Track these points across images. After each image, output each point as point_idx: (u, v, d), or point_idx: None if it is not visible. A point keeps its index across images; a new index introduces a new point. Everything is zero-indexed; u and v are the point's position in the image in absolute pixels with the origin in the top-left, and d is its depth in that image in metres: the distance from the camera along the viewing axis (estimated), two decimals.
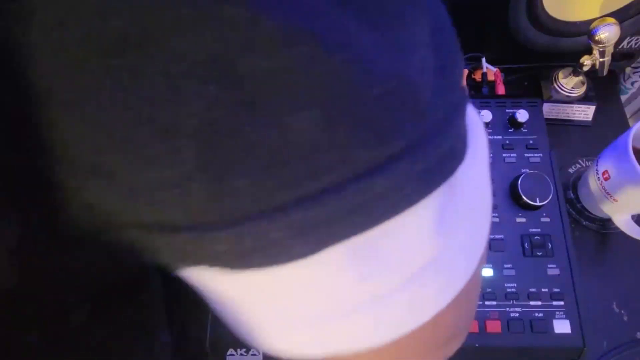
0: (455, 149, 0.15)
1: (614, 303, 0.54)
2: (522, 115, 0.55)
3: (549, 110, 0.62)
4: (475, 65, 0.65)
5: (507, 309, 0.48)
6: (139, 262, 0.15)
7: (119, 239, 0.14)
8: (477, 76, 0.64)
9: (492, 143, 0.55)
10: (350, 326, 0.16)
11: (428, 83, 0.13)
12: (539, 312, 0.48)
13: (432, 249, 0.15)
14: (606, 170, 0.52)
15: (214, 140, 0.12)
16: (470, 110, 0.17)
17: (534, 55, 0.62)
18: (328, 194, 0.12)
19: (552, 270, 0.50)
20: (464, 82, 0.62)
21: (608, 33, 0.50)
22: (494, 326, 0.47)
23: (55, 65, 0.11)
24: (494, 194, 0.53)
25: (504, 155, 0.55)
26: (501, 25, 0.58)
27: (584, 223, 0.58)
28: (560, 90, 0.62)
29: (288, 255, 0.13)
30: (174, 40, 0.11)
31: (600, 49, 0.52)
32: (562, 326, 0.47)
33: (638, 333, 0.53)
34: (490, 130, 0.56)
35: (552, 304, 0.48)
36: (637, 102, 0.70)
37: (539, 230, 0.51)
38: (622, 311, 0.54)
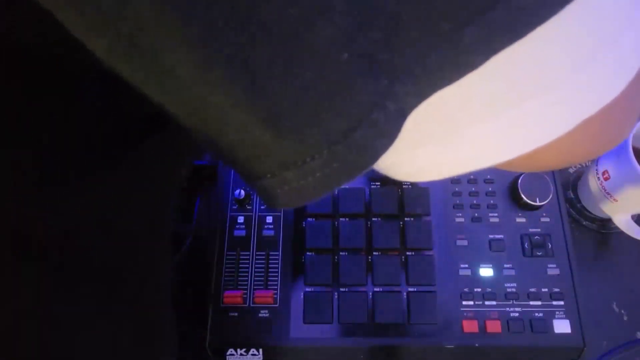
0: None
1: (614, 303, 0.54)
2: None
3: None
4: None
5: (507, 308, 0.48)
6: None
7: None
8: None
9: None
10: (564, 100, 0.16)
11: None
12: (539, 312, 0.48)
13: None
14: (606, 170, 0.52)
15: None
16: None
17: None
18: None
19: (552, 270, 0.50)
20: None
21: None
22: (494, 326, 0.47)
23: None
24: (493, 194, 0.53)
25: None
26: None
27: (584, 223, 0.58)
28: None
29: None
30: None
31: None
32: (562, 326, 0.47)
33: (638, 333, 0.53)
34: None
35: (552, 304, 0.48)
36: None
37: (539, 230, 0.51)
38: (622, 311, 0.54)
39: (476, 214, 0.52)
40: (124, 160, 0.22)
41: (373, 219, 0.51)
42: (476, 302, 0.48)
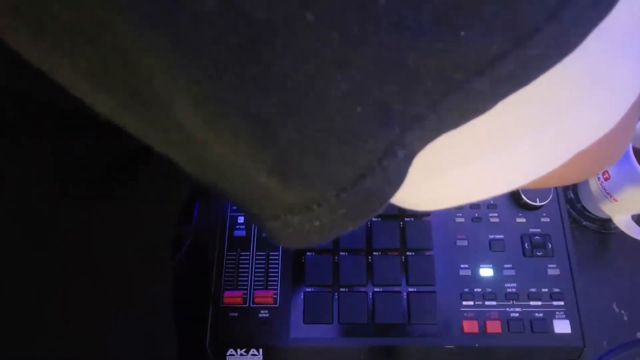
0: None
1: (614, 303, 0.54)
2: None
3: None
4: None
5: (507, 309, 0.48)
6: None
7: None
8: None
9: None
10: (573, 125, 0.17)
11: None
12: (539, 312, 0.48)
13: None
14: (606, 171, 0.52)
15: None
16: None
17: None
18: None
19: (552, 270, 0.50)
20: None
21: None
22: (494, 326, 0.47)
23: None
24: None
25: None
26: None
27: (584, 223, 0.58)
28: None
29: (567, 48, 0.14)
30: None
31: None
32: (562, 326, 0.47)
33: (638, 333, 0.53)
34: None
35: (552, 304, 0.48)
36: None
37: (539, 230, 0.51)
38: (622, 311, 0.54)
39: (476, 214, 0.52)
40: (129, 174, 0.22)
41: (373, 218, 0.51)
42: (476, 302, 0.48)
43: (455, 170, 0.18)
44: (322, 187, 0.15)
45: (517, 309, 0.48)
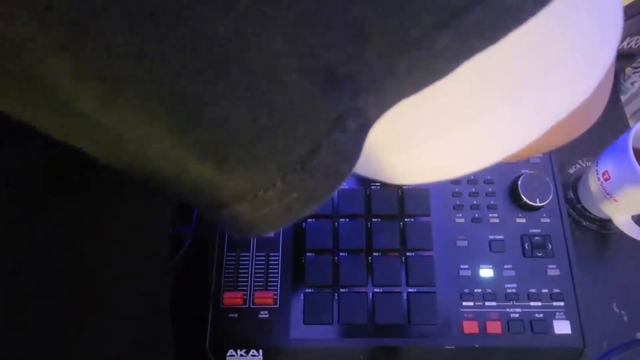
0: None
1: (614, 303, 0.54)
2: None
3: None
4: None
5: (507, 309, 0.48)
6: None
7: None
8: None
9: None
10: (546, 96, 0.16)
11: None
12: (539, 312, 0.48)
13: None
14: (606, 171, 0.52)
15: None
16: None
17: None
18: None
19: (552, 271, 0.50)
20: None
21: None
22: (494, 327, 0.47)
23: None
24: (493, 195, 0.53)
25: None
26: None
27: (584, 223, 0.58)
28: None
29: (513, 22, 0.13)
30: None
31: None
32: (562, 327, 0.47)
33: (638, 333, 0.53)
34: None
35: (552, 305, 0.48)
36: (637, 102, 0.70)
37: (539, 230, 0.51)
38: (622, 311, 0.54)
39: (476, 215, 0.52)
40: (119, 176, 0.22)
41: (373, 219, 0.51)
42: (476, 303, 0.48)
43: (430, 142, 0.16)
44: (264, 172, 0.13)
45: (517, 310, 0.48)
